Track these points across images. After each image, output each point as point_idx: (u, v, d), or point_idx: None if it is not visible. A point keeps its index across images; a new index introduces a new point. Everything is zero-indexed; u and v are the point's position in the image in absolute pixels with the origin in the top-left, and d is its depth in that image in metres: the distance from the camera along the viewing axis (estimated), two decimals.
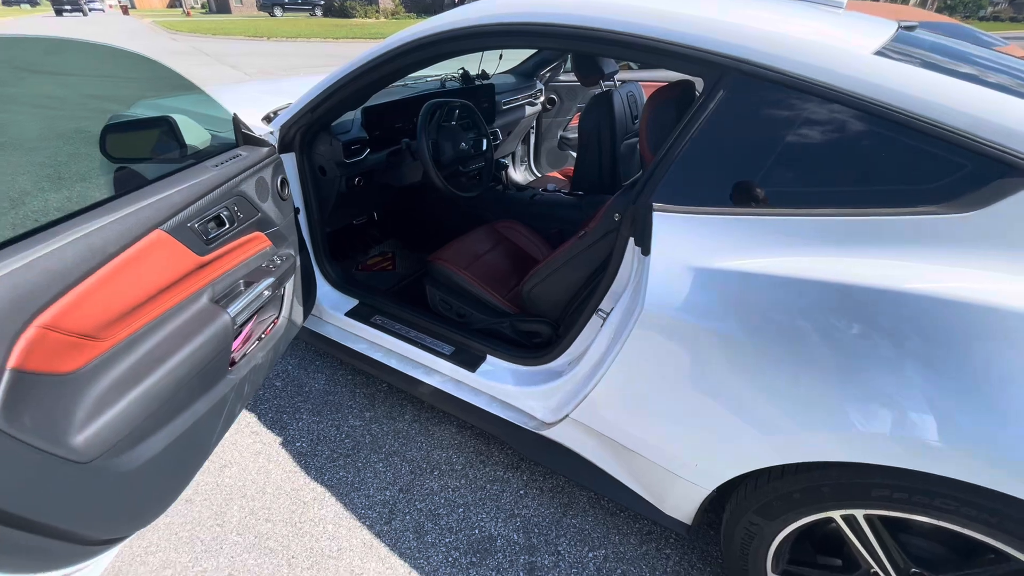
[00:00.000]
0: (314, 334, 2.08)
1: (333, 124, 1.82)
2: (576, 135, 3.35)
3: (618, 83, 2.35)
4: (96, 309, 0.96)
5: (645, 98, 2.47)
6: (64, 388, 0.92)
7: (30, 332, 0.84)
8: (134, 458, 1.06)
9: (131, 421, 1.03)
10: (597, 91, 2.38)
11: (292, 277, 1.68)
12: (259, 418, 1.98)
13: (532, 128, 3.25)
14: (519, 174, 3.25)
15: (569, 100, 3.18)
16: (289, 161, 1.80)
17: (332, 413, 2.01)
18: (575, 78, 3.18)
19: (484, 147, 2.05)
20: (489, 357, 1.74)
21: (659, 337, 1.11)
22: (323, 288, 2.05)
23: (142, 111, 2.27)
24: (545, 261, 1.63)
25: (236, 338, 1.44)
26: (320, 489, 1.71)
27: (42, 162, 4.42)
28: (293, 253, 1.69)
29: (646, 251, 1.13)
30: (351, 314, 1.99)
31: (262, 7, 36.35)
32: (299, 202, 1.90)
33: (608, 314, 1.31)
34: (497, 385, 1.68)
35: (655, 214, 1.10)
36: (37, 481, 0.89)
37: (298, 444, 1.88)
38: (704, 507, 1.27)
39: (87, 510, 1.02)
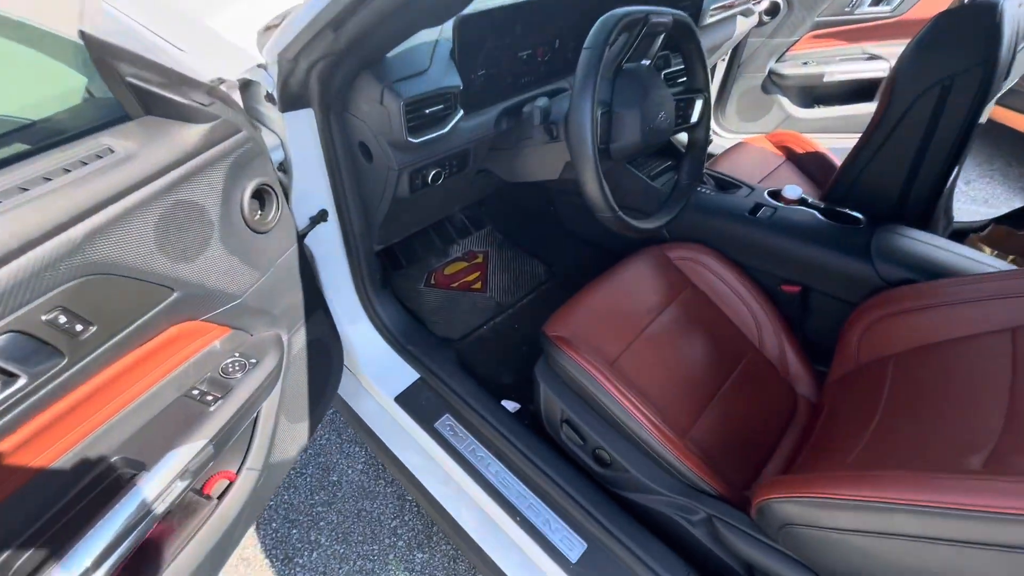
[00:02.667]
0: (345, 405, 1.28)
1: (389, 56, 0.84)
2: (799, 70, 2.05)
3: None
4: None
5: None
6: None
7: None
8: None
9: None
10: None
11: (278, 384, 0.84)
12: (257, 530, 1.27)
13: (725, 55, 2.01)
14: None
15: (803, 8, 1.87)
16: (304, 122, 0.87)
17: (364, 541, 1.25)
18: None
19: (698, 114, 0.98)
20: None
21: None
22: (368, 339, 1.20)
23: None
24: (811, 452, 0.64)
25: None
26: None
27: None
28: (283, 334, 0.84)
29: None
30: (405, 401, 1.14)
31: None
32: (326, 200, 1.00)
33: None
34: None
35: None
36: None
37: None
38: None
39: None
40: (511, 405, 1.25)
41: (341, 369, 1.08)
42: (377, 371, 1.18)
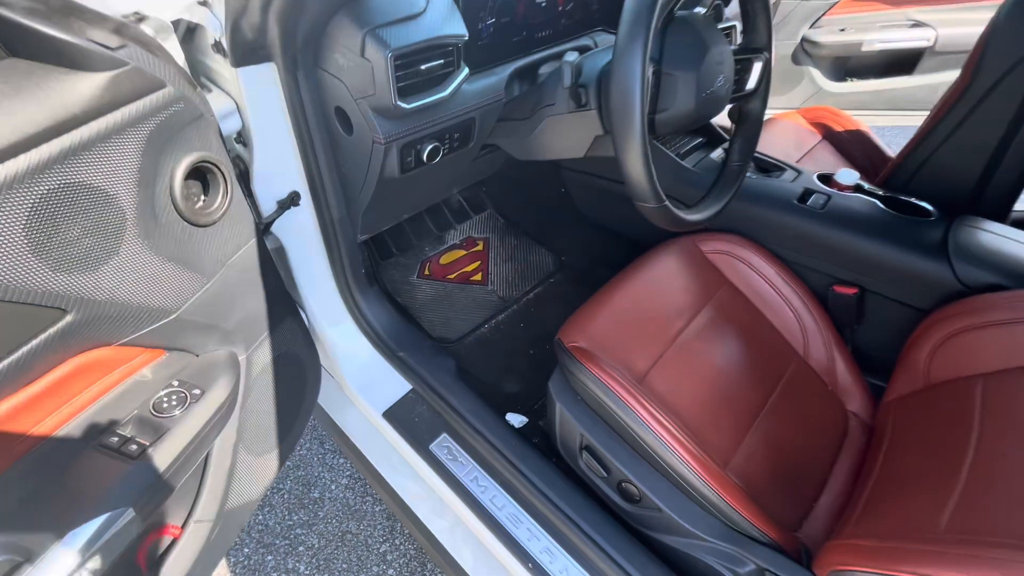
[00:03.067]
0: (327, 418, 1.12)
1: None
2: (835, 37, 1.85)
3: None
4: None
5: None
6: None
7: None
8: None
9: None
10: None
11: (234, 414, 0.67)
12: (227, 557, 1.12)
13: None
14: None
15: None
16: (264, 81, 0.69)
17: (349, 570, 1.11)
18: None
19: (756, 79, 0.80)
20: None
21: None
22: (352, 343, 1.04)
23: None
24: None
25: None
26: None
27: None
28: (239, 352, 0.67)
29: None
30: (395, 417, 0.98)
31: None
32: (297, 179, 0.82)
33: None
34: None
35: None
36: None
37: None
38: None
39: None
40: (517, 419, 1.09)
41: (318, 386, 0.91)
42: (363, 381, 1.02)
